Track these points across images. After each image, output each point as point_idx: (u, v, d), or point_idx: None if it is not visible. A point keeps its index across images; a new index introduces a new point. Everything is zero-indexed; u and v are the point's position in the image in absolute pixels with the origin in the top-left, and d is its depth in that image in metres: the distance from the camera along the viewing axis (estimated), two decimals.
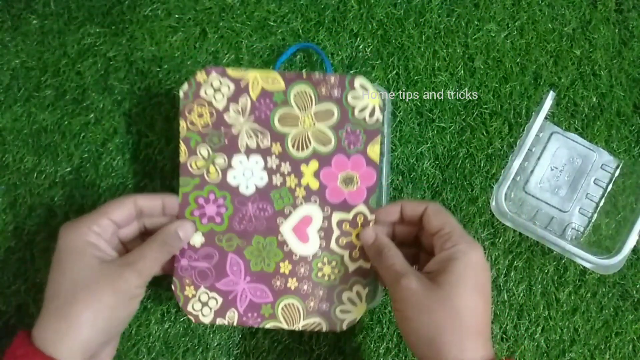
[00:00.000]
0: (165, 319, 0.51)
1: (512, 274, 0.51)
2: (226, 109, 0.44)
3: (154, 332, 0.51)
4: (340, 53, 0.53)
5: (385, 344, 0.51)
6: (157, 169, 0.52)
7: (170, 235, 0.43)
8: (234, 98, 0.44)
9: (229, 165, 0.45)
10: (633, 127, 0.52)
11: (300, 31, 0.53)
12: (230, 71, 0.44)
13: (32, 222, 0.52)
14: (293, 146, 0.44)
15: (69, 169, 0.52)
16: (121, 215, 0.41)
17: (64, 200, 0.52)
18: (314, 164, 0.45)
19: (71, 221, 0.41)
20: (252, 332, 0.51)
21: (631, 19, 0.53)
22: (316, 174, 0.45)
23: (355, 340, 0.51)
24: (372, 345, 0.51)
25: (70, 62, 0.53)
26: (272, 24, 0.53)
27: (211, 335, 0.51)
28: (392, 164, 0.52)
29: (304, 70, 0.46)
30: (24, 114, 0.53)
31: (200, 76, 0.44)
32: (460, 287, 0.37)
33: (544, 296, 0.51)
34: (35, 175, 0.52)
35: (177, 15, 0.53)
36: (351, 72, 0.52)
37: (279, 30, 0.53)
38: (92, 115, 0.53)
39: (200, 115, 0.44)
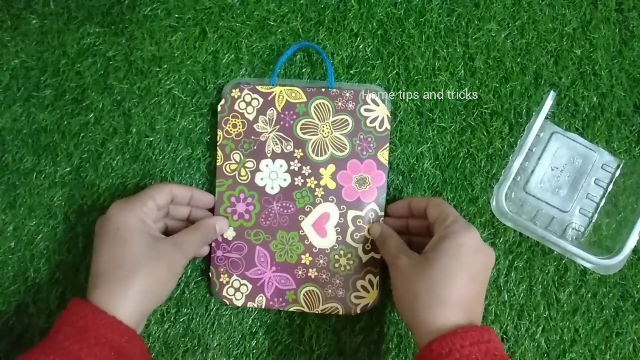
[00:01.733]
0: (165, 319, 0.51)
1: (512, 274, 0.51)
2: (256, 120, 0.51)
3: (153, 332, 0.51)
4: (340, 53, 0.53)
5: (385, 344, 0.51)
6: (157, 169, 0.52)
7: (210, 228, 0.48)
8: (262, 110, 0.51)
9: (257, 169, 0.51)
10: (633, 127, 0.52)
11: (300, 31, 0.53)
12: (260, 87, 0.51)
13: (32, 222, 0.52)
14: (313, 151, 0.50)
15: (68, 169, 0.52)
16: (162, 199, 0.46)
17: (64, 200, 0.52)
18: (331, 167, 0.50)
19: (122, 201, 0.45)
20: (252, 332, 0.51)
21: (632, 19, 0.53)
22: (333, 176, 0.50)
23: (355, 341, 0.51)
24: (372, 346, 0.51)
25: (69, 62, 0.53)
26: (272, 23, 0.53)
27: (211, 336, 0.51)
28: (392, 164, 0.52)
29: (322, 87, 0.50)
30: (23, 113, 0.52)
31: (235, 92, 0.51)
32: (440, 262, 0.41)
33: (544, 296, 0.51)
34: (34, 175, 0.52)
35: (176, 15, 0.53)
36: (352, 71, 0.52)
37: (279, 30, 0.53)
38: (91, 115, 0.52)
39: (235, 126, 0.50)
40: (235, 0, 0.53)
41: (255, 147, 0.50)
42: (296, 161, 0.50)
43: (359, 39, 0.53)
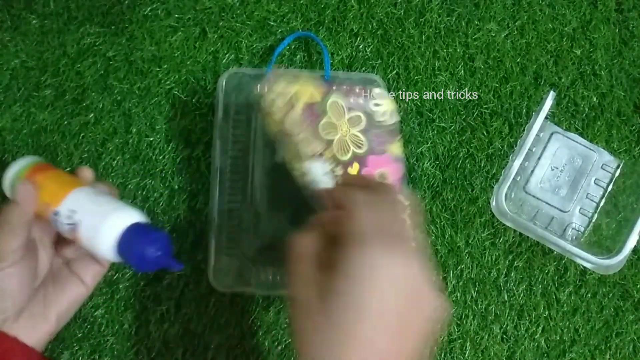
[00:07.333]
0: (165, 319, 0.51)
1: (512, 274, 0.51)
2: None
3: (153, 332, 0.51)
4: (340, 53, 0.53)
5: None
6: (157, 169, 0.52)
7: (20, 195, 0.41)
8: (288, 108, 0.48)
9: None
10: (633, 127, 0.52)
11: (300, 31, 0.53)
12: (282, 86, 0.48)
13: None
14: (338, 151, 0.49)
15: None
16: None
17: None
18: (355, 166, 0.50)
19: None
20: (252, 332, 0.51)
21: (631, 19, 0.53)
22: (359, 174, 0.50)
23: None
24: None
25: (69, 62, 0.53)
26: (272, 23, 0.53)
27: (211, 336, 0.51)
28: None
29: (334, 86, 0.49)
30: (23, 114, 0.52)
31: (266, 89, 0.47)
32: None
33: (544, 296, 0.51)
34: None
35: (176, 15, 0.53)
36: (352, 71, 0.52)
37: (279, 30, 0.53)
38: (91, 115, 0.52)
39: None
40: (235, 0, 0.53)
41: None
42: (328, 163, 0.49)
43: (359, 39, 0.53)
